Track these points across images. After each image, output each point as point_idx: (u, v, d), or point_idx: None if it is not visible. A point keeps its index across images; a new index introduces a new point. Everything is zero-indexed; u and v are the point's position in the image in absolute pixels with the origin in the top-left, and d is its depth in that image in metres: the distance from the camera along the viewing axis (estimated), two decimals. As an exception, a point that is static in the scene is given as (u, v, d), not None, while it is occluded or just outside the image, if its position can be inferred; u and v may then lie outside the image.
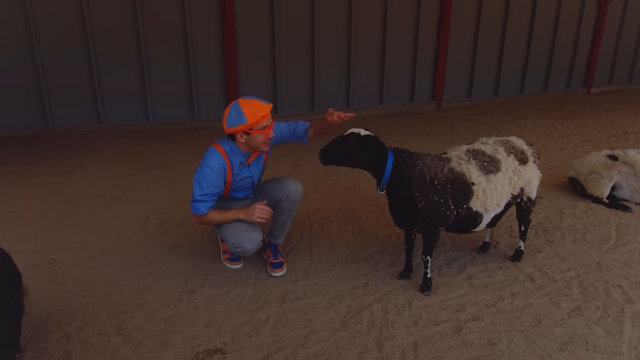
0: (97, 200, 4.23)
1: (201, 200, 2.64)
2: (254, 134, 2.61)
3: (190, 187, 4.59)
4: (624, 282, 2.84)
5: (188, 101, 7.29)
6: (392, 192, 2.53)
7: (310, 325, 2.44)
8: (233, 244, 2.72)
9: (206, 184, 2.63)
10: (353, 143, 2.42)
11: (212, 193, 2.65)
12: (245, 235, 2.70)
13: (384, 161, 2.44)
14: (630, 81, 10.95)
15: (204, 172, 2.62)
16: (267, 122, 2.61)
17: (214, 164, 2.64)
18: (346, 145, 2.45)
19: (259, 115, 2.55)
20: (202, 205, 2.64)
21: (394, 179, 2.45)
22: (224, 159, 2.68)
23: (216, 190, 2.67)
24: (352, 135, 2.45)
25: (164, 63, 6.98)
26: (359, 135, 2.43)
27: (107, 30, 6.58)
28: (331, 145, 2.52)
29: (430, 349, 2.25)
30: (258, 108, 2.56)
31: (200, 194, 2.63)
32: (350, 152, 2.45)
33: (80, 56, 6.53)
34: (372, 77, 8.43)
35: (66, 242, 3.38)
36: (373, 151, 2.44)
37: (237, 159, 2.74)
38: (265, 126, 2.61)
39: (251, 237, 2.70)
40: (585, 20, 9.88)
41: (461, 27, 8.82)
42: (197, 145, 6.31)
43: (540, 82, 10.00)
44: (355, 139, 2.42)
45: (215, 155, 2.67)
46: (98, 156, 5.64)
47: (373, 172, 2.52)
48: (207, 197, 2.64)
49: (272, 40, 7.47)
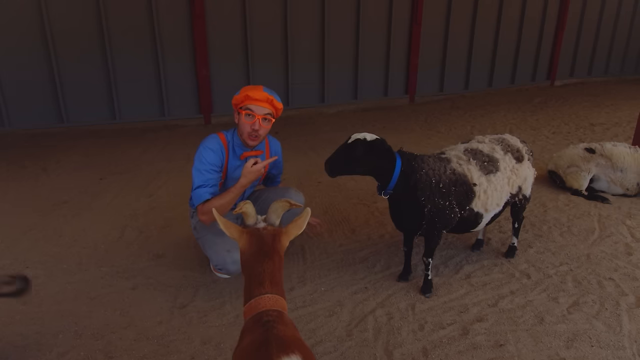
0: (66, 208, 3.93)
1: (203, 185, 2.49)
2: (241, 115, 2.50)
3: (168, 190, 4.41)
4: (614, 274, 2.90)
5: (157, 98, 6.95)
6: (396, 196, 2.45)
7: (314, 336, 2.34)
8: (216, 265, 2.58)
9: (205, 165, 2.49)
10: (360, 151, 2.29)
11: (212, 175, 2.50)
12: (229, 256, 2.56)
13: (393, 166, 2.34)
14: (590, 73, 11.42)
15: (200, 154, 2.50)
16: (254, 107, 2.46)
17: (210, 144, 2.53)
18: (353, 155, 2.31)
19: (244, 92, 2.46)
20: (204, 191, 2.48)
21: (401, 183, 2.36)
22: (223, 144, 2.56)
23: (216, 169, 2.53)
24: (357, 142, 2.31)
25: (130, 58, 6.61)
26: (365, 142, 2.30)
27: (67, 22, 6.13)
28: (336, 155, 2.36)
29: (441, 354, 2.21)
30: (251, 89, 2.47)
31: (199, 179, 2.49)
32: (357, 161, 2.32)
33: (38, 51, 6.06)
34: (346, 72, 8.35)
35: (37, 256, 3.10)
36: (382, 156, 2.33)
37: (235, 149, 2.62)
38: (252, 113, 2.47)
39: (234, 257, 2.55)
40: (549, 15, 10.19)
41: (433, 21, 8.88)
42: (170, 143, 6.05)
43: (508, 76, 10.25)
44: (362, 146, 2.29)
45: (213, 138, 2.56)
46: (63, 159, 5.27)
47: (380, 177, 2.42)
48: (208, 181, 2.49)
49: (244, 34, 7.24)
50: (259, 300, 1.27)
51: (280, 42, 7.58)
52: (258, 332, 1.21)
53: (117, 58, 6.52)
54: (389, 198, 2.51)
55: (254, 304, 1.27)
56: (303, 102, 7.99)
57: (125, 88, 6.69)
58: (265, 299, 1.27)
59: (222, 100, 7.25)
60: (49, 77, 6.20)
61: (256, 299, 1.27)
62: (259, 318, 1.24)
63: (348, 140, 2.36)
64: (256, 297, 1.27)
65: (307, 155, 5.55)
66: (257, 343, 1.15)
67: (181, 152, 5.61)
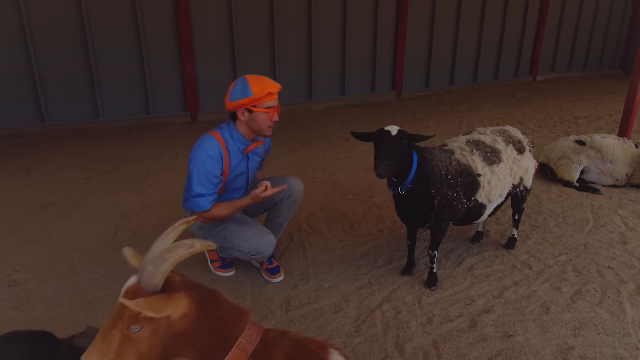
0: (54, 209, 3.78)
1: (202, 195, 2.37)
2: (258, 113, 2.35)
3: (159, 189, 4.29)
4: (612, 263, 2.95)
5: (142, 96, 6.77)
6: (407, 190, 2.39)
7: (323, 333, 2.29)
8: (249, 252, 2.49)
9: (204, 174, 2.35)
10: (405, 141, 2.19)
11: (212, 184, 2.39)
12: (263, 240, 2.50)
13: (412, 160, 2.28)
14: (570, 69, 11.66)
15: (199, 161, 2.35)
16: (273, 102, 2.36)
17: (209, 150, 2.36)
18: (401, 146, 2.19)
19: (265, 90, 2.30)
20: (204, 200, 2.38)
21: (416, 176, 2.31)
22: (221, 145, 2.41)
23: (216, 180, 2.41)
24: (401, 132, 2.19)
25: (113, 54, 6.42)
26: (405, 132, 2.20)
27: (46, 16, 5.90)
28: (387, 151, 2.18)
29: (452, 347, 2.19)
30: (266, 84, 2.33)
31: (199, 188, 2.36)
32: (403, 153, 2.21)
33: (16, 45, 5.83)
34: (334, 69, 8.31)
35: (27, 260, 2.97)
36: (411, 148, 2.26)
37: (236, 146, 2.47)
38: (271, 107, 2.36)
39: (269, 240, 2.52)
40: (530, 12, 10.36)
41: (419, 18, 8.91)
42: (156, 142, 5.90)
43: (492, 72, 10.38)
44: (406, 135, 2.18)
45: (211, 141, 2.39)
46: (46, 159, 5.08)
47: (400, 172, 2.29)
48: (208, 189, 2.38)
49: (231, 30, 7.11)
50: (249, 333, 1.17)
51: (267, 39, 7.48)
52: (286, 347, 1.16)
53: (100, 54, 6.32)
54: (396, 193, 2.46)
55: (248, 339, 1.15)
56: (291, 99, 7.91)
57: (109, 85, 6.49)
58: (251, 328, 1.18)
59: (209, 97, 7.12)
60: (29, 74, 5.96)
61: (245, 336, 1.16)
62: (266, 341, 1.18)
63: (386, 135, 2.20)
64: (242, 336, 1.16)
65: (298, 152, 5.49)
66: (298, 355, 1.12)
67: (169, 150, 5.48)
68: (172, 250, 1.12)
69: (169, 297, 1.11)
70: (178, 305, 1.11)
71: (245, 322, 1.19)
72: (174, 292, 1.12)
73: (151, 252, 1.14)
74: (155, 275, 1.10)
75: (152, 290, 1.11)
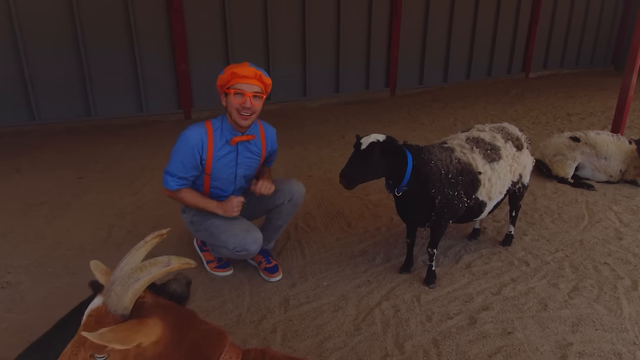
0: (46, 209, 3.73)
1: (171, 174, 2.43)
2: (229, 95, 2.36)
3: (153, 187, 4.24)
4: (608, 259, 2.97)
5: (135, 93, 6.70)
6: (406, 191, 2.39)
7: (322, 332, 2.28)
8: (235, 248, 2.47)
9: (178, 157, 2.40)
10: (377, 154, 2.20)
11: (184, 168, 2.42)
12: (249, 236, 2.48)
13: (405, 162, 2.29)
14: (562, 65, 11.74)
15: (178, 143, 2.42)
16: (245, 86, 2.33)
17: (191, 136, 2.40)
18: (371, 160, 2.22)
19: (230, 69, 2.33)
20: (172, 180, 2.43)
21: (413, 177, 2.30)
22: (207, 130, 2.43)
23: (189, 167, 2.42)
24: (373, 145, 2.21)
25: (105, 51, 6.33)
26: (379, 143, 2.21)
27: (37, 12, 5.80)
28: (353, 164, 2.24)
29: (452, 344, 2.19)
30: (236, 66, 2.34)
31: (171, 166, 2.43)
32: (376, 165, 2.23)
33: (5, 41, 5.72)
34: (328, 66, 8.28)
35: (19, 260, 2.92)
36: (396, 154, 2.26)
37: (224, 135, 2.47)
38: (241, 90, 2.33)
39: (255, 237, 2.50)
40: (523, 9, 10.40)
41: (412, 15, 8.91)
42: (150, 139, 5.85)
43: (484, 68, 10.42)
44: (378, 148, 2.20)
45: (198, 127, 2.44)
46: (37, 158, 5.01)
47: (393, 175, 2.33)
48: (178, 171, 2.42)
49: (224, 27, 7.06)
50: (227, 356, 1.12)
51: (261, 35, 7.44)
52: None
53: (92, 52, 6.24)
54: (392, 193, 2.45)
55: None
56: (285, 96, 7.88)
57: (101, 83, 6.41)
58: (229, 349, 1.14)
59: (203, 94, 7.06)
60: (18, 71, 5.87)
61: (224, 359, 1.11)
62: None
63: (360, 147, 2.24)
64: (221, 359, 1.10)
65: (294, 150, 5.47)
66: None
67: (163, 148, 5.42)
68: (145, 269, 0.98)
69: (140, 323, 0.96)
70: (150, 332, 0.97)
71: (223, 343, 1.12)
72: (145, 316, 0.98)
73: (119, 270, 1.00)
74: (124, 298, 0.96)
75: (120, 313, 0.96)
